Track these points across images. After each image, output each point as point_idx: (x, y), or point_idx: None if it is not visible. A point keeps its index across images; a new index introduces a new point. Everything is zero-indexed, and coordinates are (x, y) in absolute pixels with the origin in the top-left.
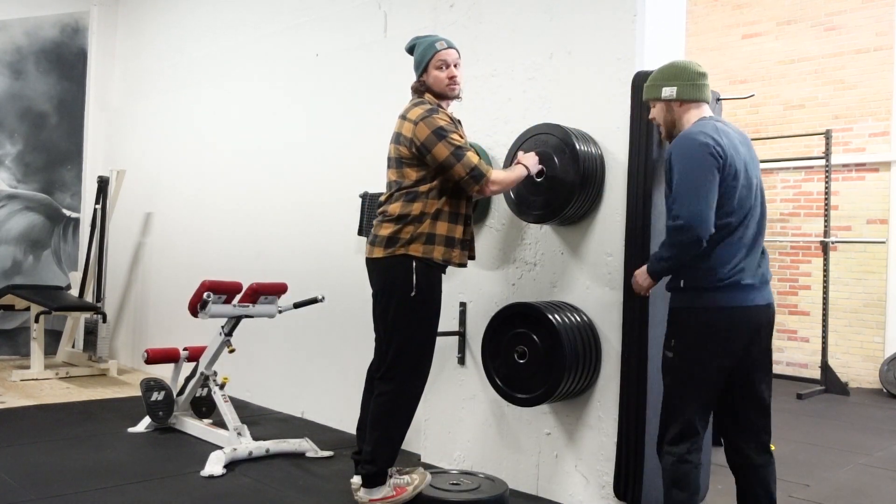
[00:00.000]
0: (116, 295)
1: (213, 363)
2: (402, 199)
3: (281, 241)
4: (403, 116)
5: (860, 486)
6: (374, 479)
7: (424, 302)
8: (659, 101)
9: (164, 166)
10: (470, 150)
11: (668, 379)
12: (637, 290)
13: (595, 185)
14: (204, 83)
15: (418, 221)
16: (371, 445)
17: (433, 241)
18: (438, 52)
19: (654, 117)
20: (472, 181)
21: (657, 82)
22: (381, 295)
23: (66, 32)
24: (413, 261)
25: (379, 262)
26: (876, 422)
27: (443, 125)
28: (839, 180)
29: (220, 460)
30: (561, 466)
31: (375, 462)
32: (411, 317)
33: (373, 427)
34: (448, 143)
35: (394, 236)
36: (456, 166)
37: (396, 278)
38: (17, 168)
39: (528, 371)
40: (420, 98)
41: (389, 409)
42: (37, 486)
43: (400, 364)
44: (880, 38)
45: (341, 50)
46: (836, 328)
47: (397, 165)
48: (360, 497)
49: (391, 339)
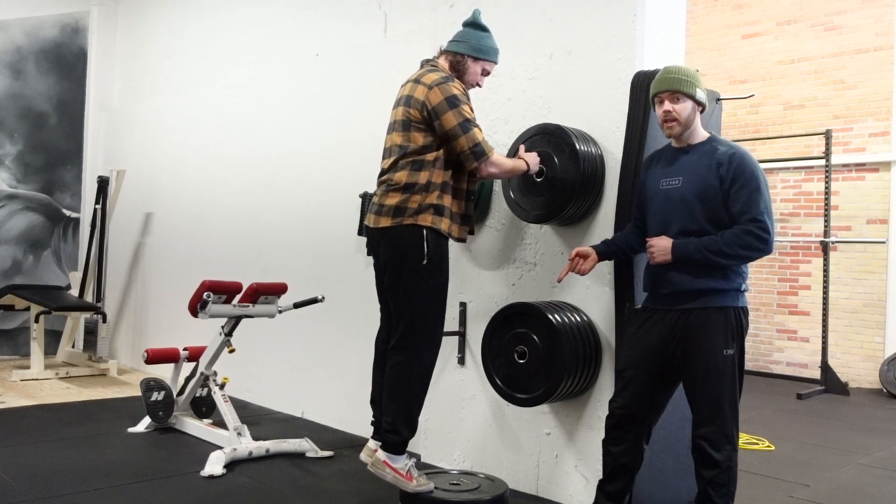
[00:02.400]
0: (116, 295)
1: (213, 363)
2: (409, 167)
3: (281, 241)
4: (416, 80)
5: (860, 486)
6: (397, 446)
7: (436, 271)
8: (692, 99)
9: (164, 166)
10: (477, 126)
11: (729, 377)
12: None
13: (595, 185)
14: (204, 83)
15: (425, 191)
16: (391, 416)
17: (441, 213)
18: (495, 64)
19: (674, 111)
20: (472, 157)
21: (691, 79)
22: (390, 265)
23: (66, 32)
24: (423, 230)
25: (387, 231)
26: (876, 422)
27: (457, 94)
28: (839, 180)
29: (220, 460)
30: (561, 466)
31: (399, 432)
32: (424, 285)
33: (390, 398)
34: (458, 113)
35: (401, 206)
36: (460, 138)
37: (407, 247)
38: (17, 168)
39: (528, 371)
40: (433, 65)
41: (406, 378)
42: (37, 486)
43: (413, 333)
44: (880, 38)
45: (341, 50)
46: (836, 328)
47: (404, 128)
48: (378, 455)
49: (403, 309)
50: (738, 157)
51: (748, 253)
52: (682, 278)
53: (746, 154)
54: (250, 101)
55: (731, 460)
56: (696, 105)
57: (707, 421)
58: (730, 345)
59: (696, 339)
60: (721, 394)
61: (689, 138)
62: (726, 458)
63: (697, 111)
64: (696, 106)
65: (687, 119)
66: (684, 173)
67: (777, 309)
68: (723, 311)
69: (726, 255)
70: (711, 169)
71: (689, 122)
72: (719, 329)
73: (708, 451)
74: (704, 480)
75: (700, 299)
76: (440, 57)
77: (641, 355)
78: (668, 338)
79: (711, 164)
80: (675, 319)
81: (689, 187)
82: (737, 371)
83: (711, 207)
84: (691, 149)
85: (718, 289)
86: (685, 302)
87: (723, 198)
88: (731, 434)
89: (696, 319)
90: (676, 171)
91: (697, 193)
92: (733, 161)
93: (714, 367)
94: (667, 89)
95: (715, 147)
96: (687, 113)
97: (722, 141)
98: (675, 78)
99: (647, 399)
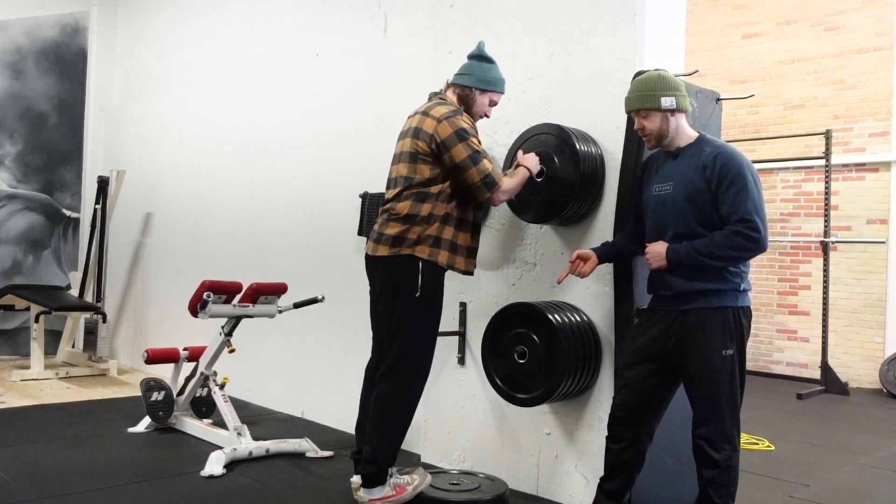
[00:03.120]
0: (116, 295)
1: (213, 363)
2: (412, 198)
3: (281, 241)
4: (426, 113)
5: (860, 486)
6: (375, 478)
7: (428, 302)
8: (658, 112)
9: (164, 166)
10: (487, 157)
11: (727, 378)
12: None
13: (595, 185)
14: (204, 83)
15: (426, 223)
16: (371, 445)
17: (439, 245)
18: (502, 94)
19: (645, 127)
20: (484, 188)
21: (653, 92)
22: (384, 294)
23: (66, 32)
24: (419, 262)
25: (383, 260)
26: (876, 422)
27: (465, 127)
28: (839, 180)
29: (220, 460)
30: (561, 466)
31: (376, 462)
32: (415, 317)
33: (373, 427)
34: (468, 146)
35: (401, 236)
36: (471, 170)
37: (402, 278)
38: (17, 168)
39: (528, 371)
40: (442, 98)
41: (390, 408)
42: (37, 486)
43: (401, 363)
44: (880, 38)
45: (341, 50)
46: (836, 328)
47: (411, 160)
48: (360, 497)
49: (393, 339)
50: (722, 157)
51: (739, 253)
52: (678, 281)
53: (732, 153)
54: (250, 101)
55: (731, 460)
56: (669, 112)
57: (705, 421)
58: (728, 345)
59: (694, 340)
60: (719, 394)
61: (674, 143)
62: (726, 458)
63: (672, 117)
64: (669, 114)
65: (659, 131)
66: (674, 178)
67: (777, 309)
68: (721, 311)
69: (718, 257)
70: (698, 171)
71: (663, 132)
72: (717, 329)
73: (707, 450)
74: (704, 480)
75: (698, 300)
76: (447, 90)
77: (640, 354)
78: (666, 337)
79: (698, 166)
80: (673, 320)
81: (678, 191)
82: (736, 371)
83: (701, 210)
84: (680, 152)
85: (715, 289)
86: (684, 303)
87: (711, 199)
88: (730, 434)
89: (694, 320)
90: (667, 175)
91: (686, 197)
92: (717, 161)
93: (711, 368)
94: (630, 110)
95: (701, 148)
96: (657, 125)
97: (709, 141)
98: (635, 97)
99: (646, 397)
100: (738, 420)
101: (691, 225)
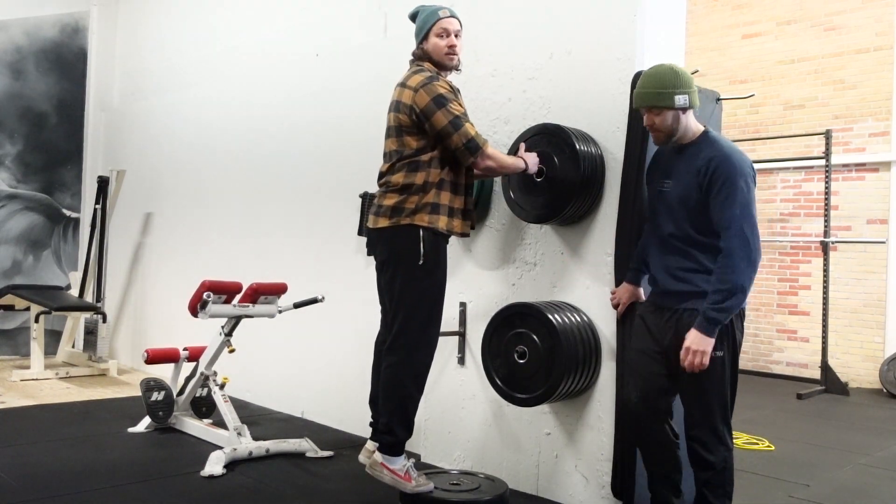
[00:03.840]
0: (116, 295)
1: (213, 363)
2: (405, 168)
3: (281, 241)
4: (403, 84)
5: (860, 486)
6: (392, 448)
7: (431, 271)
8: (671, 110)
9: (164, 166)
10: (468, 121)
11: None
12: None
13: (595, 185)
14: (204, 83)
15: (422, 191)
16: (386, 417)
17: (438, 211)
18: (441, 20)
19: (655, 124)
20: (467, 152)
21: (668, 90)
22: (387, 264)
23: (66, 32)
24: (420, 230)
25: (384, 231)
26: (876, 422)
27: (443, 93)
28: (839, 180)
29: (220, 460)
30: (561, 466)
31: (393, 432)
32: (418, 285)
33: (385, 399)
34: (447, 112)
35: (398, 206)
36: (453, 136)
37: (403, 247)
38: (17, 168)
39: (528, 371)
40: (419, 66)
41: (400, 379)
42: (37, 486)
43: (406, 334)
44: (880, 38)
45: (341, 50)
46: (836, 328)
47: (397, 134)
48: (376, 457)
49: (398, 309)
50: (715, 164)
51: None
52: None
53: (727, 156)
54: (250, 101)
55: (727, 461)
56: (681, 111)
57: (697, 423)
58: (719, 347)
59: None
60: (710, 396)
61: (681, 139)
62: (721, 459)
63: (682, 115)
64: (681, 111)
65: (670, 129)
66: (674, 176)
67: (777, 309)
68: None
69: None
70: (693, 174)
71: (673, 129)
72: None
73: (700, 453)
74: (700, 482)
75: (690, 301)
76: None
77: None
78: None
79: (694, 168)
80: (669, 318)
81: (675, 191)
82: (727, 373)
83: (692, 213)
84: (683, 149)
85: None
86: (678, 303)
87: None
88: (723, 435)
89: (687, 320)
90: (669, 172)
91: (680, 198)
92: (710, 167)
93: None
94: (642, 106)
95: (701, 148)
96: (668, 123)
97: (710, 141)
98: (649, 94)
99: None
100: (728, 420)
101: (684, 228)
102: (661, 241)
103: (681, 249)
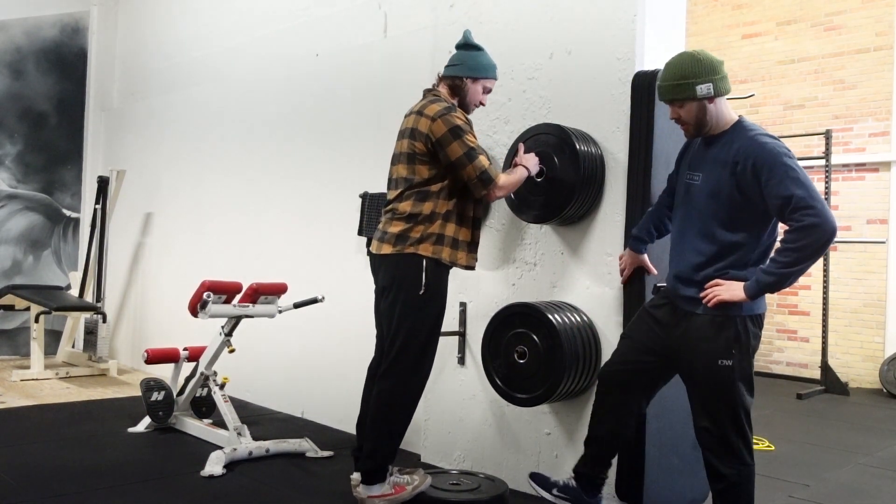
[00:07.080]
0: (116, 295)
1: (213, 363)
2: (414, 197)
3: (281, 241)
4: (419, 112)
5: (860, 486)
6: (374, 475)
7: (431, 300)
8: (693, 101)
9: (164, 166)
10: (483, 153)
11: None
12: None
13: (595, 185)
14: (204, 83)
15: (429, 221)
16: (371, 442)
17: (442, 242)
18: (495, 80)
19: (681, 117)
20: (480, 184)
21: (688, 80)
22: (388, 291)
23: (66, 32)
24: (423, 259)
25: (388, 258)
26: (876, 422)
27: (459, 124)
28: (839, 180)
29: (220, 460)
30: (561, 466)
31: (375, 458)
32: (417, 314)
33: (373, 424)
34: (463, 143)
35: (403, 234)
36: (467, 167)
37: (406, 275)
38: (17, 168)
39: (528, 371)
40: (435, 95)
41: (390, 405)
42: (37, 486)
43: (402, 361)
44: (880, 38)
45: (341, 50)
46: (836, 328)
47: (409, 161)
48: (359, 493)
49: (395, 336)
50: (754, 152)
51: (810, 253)
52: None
53: (760, 145)
54: (250, 101)
55: (741, 476)
56: (707, 100)
57: (706, 430)
58: (728, 354)
59: (691, 344)
60: (716, 404)
61: (712, 130)
62: (734, 473)
63: (711, 104)
64: (707, 101)
65: (697, 121)
66: (703, 168)
67: (777, 309)
68: (723, 318)
69: (797, 267)
70: (726, 166)
71: (701, 122)
72: (715, 337)
73: (713, 462)
74: (713, 492)
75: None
76: (440, 84)
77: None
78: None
79: (727, 160)
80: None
81: (705, 185)
82: (737, 382)
83: (725, 207)
84: (713, 140)
85: None
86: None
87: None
88: (737, 448)
89: (697, 323)
90: (698, 165)
91: (711, 192)
92: (749, 157)
93: (706, 377)
94: (663, 100)
95: (732, 139)
96: (694, 114)
97: (741, 130)
98: (668, 87)
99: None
100: (745, 433)
101: (711, 226)
102: (681, 235)
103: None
